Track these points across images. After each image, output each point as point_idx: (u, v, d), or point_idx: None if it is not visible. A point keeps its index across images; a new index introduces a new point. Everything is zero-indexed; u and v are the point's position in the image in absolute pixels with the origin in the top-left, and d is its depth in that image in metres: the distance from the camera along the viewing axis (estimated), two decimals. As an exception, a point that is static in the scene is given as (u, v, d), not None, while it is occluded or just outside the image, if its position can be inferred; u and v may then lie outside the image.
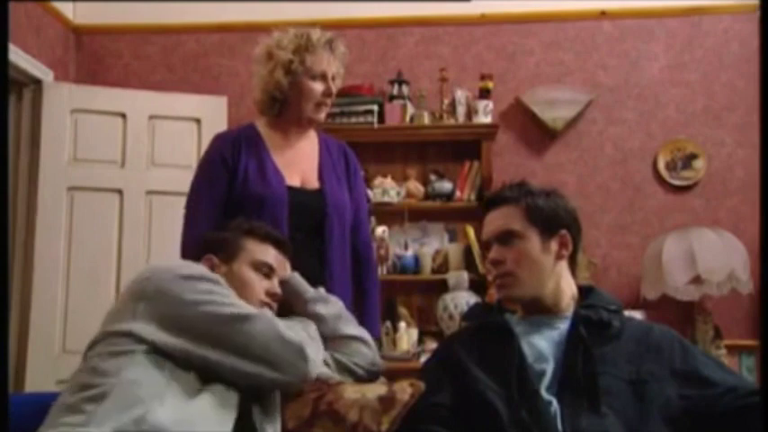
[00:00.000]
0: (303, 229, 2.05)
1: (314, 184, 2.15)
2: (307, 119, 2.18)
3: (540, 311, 1.63)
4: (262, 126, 2.23)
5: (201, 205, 2.09)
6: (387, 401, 1.50)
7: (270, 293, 1.65)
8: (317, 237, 2.08)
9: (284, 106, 2.18)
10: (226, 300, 1.46)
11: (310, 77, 2.14)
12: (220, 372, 1.42)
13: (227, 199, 2.07)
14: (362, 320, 2.09)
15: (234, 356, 1.42)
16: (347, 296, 2.10)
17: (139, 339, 1.39)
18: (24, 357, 3.52)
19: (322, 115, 2.20)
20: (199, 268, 1.54)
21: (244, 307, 1.48)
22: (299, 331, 1.52)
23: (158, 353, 1.39)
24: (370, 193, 3.69)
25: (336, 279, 2.09)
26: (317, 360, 1.51)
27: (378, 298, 2.29)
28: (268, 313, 1.53)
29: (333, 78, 2.17)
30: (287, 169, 2.13)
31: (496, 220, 1.67)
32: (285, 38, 2.17)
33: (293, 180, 2.13)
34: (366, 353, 1.73)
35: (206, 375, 1.43)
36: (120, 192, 3.76)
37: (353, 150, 2.34)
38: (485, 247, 1.72)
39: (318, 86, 2.14)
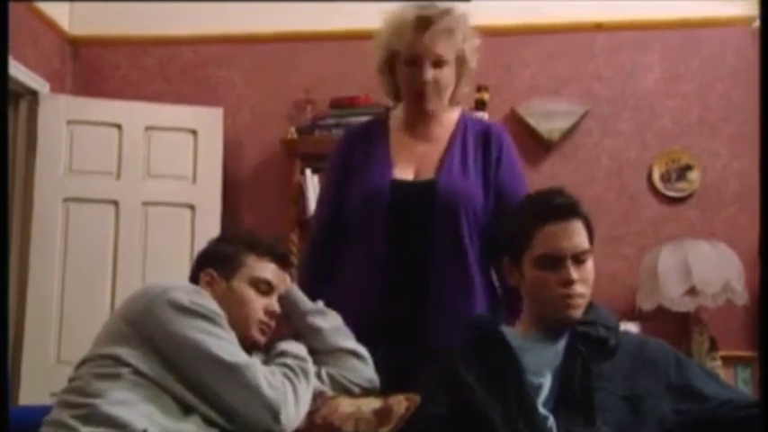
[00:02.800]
0: (407, 232, 1.80)
1: (429, 174, 1.86)
2: (414, 111, 1.90)
3: (563, 329, 1.59)
4: (399, 108, 1.99)
5: (321, 197, 2.13)
6: (382, 414, 1.50)
7: (268, 312, 1.62)
8: (423, 242, 1.81)
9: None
10: (212, 341, 1.43)
11: (404, 63, 1.84)
12: (197, 411, 1.41)
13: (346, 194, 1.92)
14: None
15: (208, 406, 1.41)
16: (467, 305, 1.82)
17: (125, 363, 1.39)
18: (19, 368, 3.50)
19: (428, 105, 1.86)
20: (193, 296, 1.50)
21: (231, 352, 1.44)
22: (283, 384, 1.46)
23: (143, 375, 1.39)
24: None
25: (444, 295, 1.82)
26: (295, 420, 1.46)
27: None
28: (255, 364, 1.46)
29: (439, 63, 1.84)
30: (402, 159, 1.88)
31: (574, 235, 1.56)
32: (387, 16, 1.89)
33: (405, 172, 1.86)
34: (362, 369, 1.67)
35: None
36: (115, 203, 3.74)
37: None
38: (550, 258, 1.54)
39: (410, 72, 1.83)
